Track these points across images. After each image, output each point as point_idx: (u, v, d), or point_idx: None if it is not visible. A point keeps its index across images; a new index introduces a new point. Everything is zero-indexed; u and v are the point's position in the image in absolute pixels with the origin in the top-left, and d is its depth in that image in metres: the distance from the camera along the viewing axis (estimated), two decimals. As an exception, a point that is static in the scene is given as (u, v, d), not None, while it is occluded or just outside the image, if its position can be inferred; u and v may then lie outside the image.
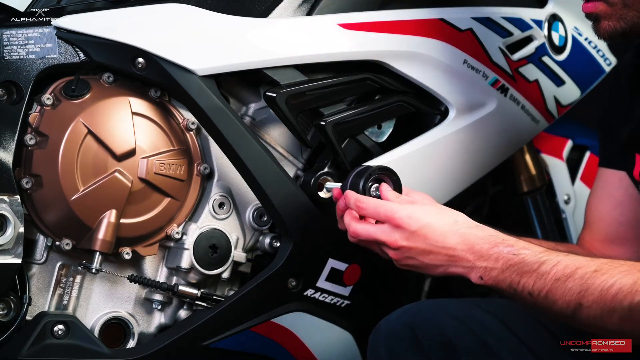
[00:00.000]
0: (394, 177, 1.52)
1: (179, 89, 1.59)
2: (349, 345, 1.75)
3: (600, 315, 1.25)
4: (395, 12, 1.73)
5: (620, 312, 1.23)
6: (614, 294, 1.24)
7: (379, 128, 1.75)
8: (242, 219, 1.70)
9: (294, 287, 1.68)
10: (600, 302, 1.25)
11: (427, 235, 1.38)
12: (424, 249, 1.39)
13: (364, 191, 1.49)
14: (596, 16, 1.46)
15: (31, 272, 1.59)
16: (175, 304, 1.67)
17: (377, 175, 1.50)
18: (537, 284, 1.30)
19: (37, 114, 1.57)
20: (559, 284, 1.28)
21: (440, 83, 1.76)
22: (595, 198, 1.70)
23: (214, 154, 1.67)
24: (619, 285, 1.24)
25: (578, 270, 1.28)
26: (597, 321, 1.26)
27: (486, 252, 1.35)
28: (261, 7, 1.65)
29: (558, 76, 1.94)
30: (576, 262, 1.29)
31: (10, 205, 1.52)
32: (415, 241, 1.39)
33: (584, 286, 1.26)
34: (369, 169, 1.50)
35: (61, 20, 1.56)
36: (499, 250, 1.35)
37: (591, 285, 1.26)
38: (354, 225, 1.45)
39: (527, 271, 1.31)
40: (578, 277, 1.27)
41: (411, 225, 1.39)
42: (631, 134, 1.56)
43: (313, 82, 1.66)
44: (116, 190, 1.57)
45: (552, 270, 1.30)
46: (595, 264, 1.28)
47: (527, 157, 2.08)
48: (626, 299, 1.23)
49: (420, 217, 1.40)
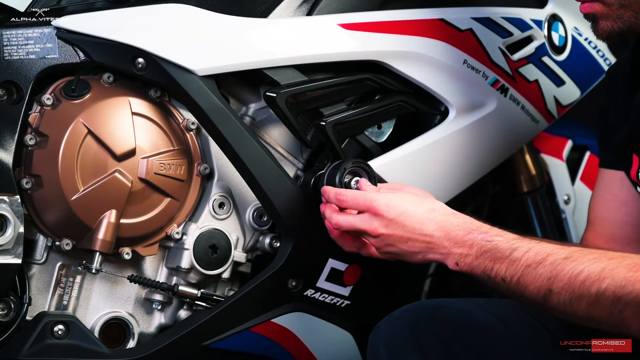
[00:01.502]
0: (368, 169, 1.58)
1: (179, 89, 1.59)
2: (349, 345, 1.75)
3: (570, 301, 1.27)
4: (395, 12, 1.73)
5: (587, 298, 1.25)
6: (582, 281, 1.26)
7: (379, 128, 1.75)
8: (242, 219, 1.70)
9: (294, 287, 1.68)
10: (569, 288, 1.27)
11: (405, 222, 1.43)
12: (402, 236, 1.43)
13: (341, 185, 1.55)
14: (593, 16, 1.46)
15: (31, 272, 1.59)
16: (175, 304, 1.67)
17: (353, 168, 1.57)
18: (509, 270, 1.33)
19: (37, 114, 1.57)
20: (529, 270, 1.31)
21: (440, 83, 1.76)
22: (599, 198, 1.70)
23: (214, 154, 1.67)
24: (587, 272, 1.26)
25: (548, 257, 1.31)
26: (567, 307, 1.28)
27: (461, 239, 1.39)
28: (261, 7, 1.65)
29: (558, 76, 1.94)
30: (547, 249, 1.32)
31: (10, 205, 1.52)
32: (394, 229, 1.43)
33: (554, 272, 1.29)
34: (343, 163, 1.56)
35: (61, 20, 1.56)
36: (474, 237, 1.38)
37: (560, 272, 1.29)
38: (335, 217, 1.50)
39: (499, 257, 1.35)
40: (548, 263, 1.30)
41: (389, 213, 1.44)
42: (629, 134, 1.56)
43: (313, 82, 1.66)
44: (116, 191, 1.57)
45: (524, 257, 1.32)
46: (565, 251, 1.31)
47: (527, 157, 2.08)
48: (593, 286, 1.25)
49: (398, 205, 1.44)
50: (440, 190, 1.79)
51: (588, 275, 1.26)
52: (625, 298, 1.23)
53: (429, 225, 1.42)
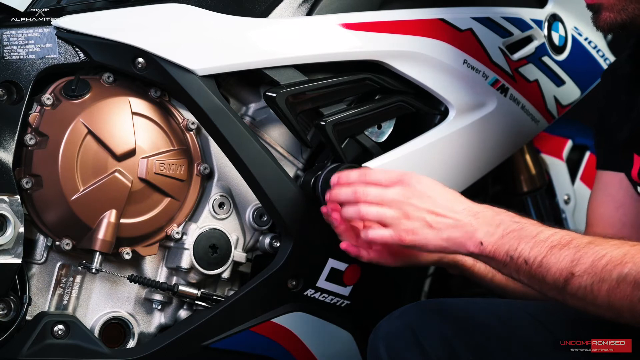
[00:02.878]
0: None
1: (179, 89, 1.59)
2: (349, 345, 1.75)
3: (591, 285, 1.27)
4: (395, 12, 1.73)
5: (609, 282, 1.26)
6: (604, 265, 1.27)
7: (379, 128, 1.75)
8: (242, 219, 1.70)
9: (294, 287, 1.68)
10: (591, 271, 1.28)
11: (436, 197, 1.43)
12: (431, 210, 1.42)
13: None
14: (598, 7, 1.46)
15: (31, 272, 1.59)
16: (175, 304, 1.68)
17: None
18: (533, 250, 1.34)
19: (37, 114, 1.57)
20: (554, 252, 1.32)
21: (440, 83, 1.76)
22: (597, 200, 1.70)
23: (214, 154, 1.67)
24: (609, 256, 1.27)
25: (573, 241, 1.32)
26: (587, 292, 1.28)
27: (490, 218, 1.40)
28: (261, 7, 1.65)
29: (558, 76, 1.94)
30: (572, 234, 1.34)
31: (10, 205, 1.52)
32: (425, 202, 1.43)
33: (577, 255, 1.30)
34: (340, 167, 1.58)
35: (61, 20, 1.56)
36: (502, 218, 1.39)
37: (584, 255, 1.29)
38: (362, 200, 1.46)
39: (525, 236, 1.35)
40: (573, 246, 1.31)
41: (422, 187, 1.44)
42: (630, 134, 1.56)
43: (313, 82, 1.66)
44: (116, 190, 1.57)
45: (550, 239, 1.33)
46: (588, 237, 1.32)
47: (527, 157, 2.08)
48: (615, 270, 1.25)
49: (429, 182, 1.45)
50: (440, 190, 1.79)
51: (610, 259, 1.26)
52: None
53: (458, 204, 1.42)
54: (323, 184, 1.60)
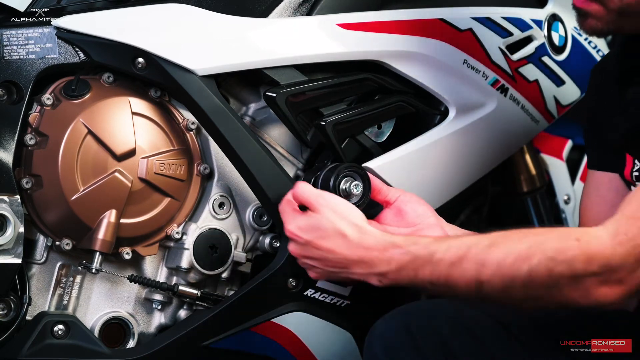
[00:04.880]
0: (362, 173, 1.62)
1: (179, 89, 1.59)
2: (349, 345, 1.75)
3: (502, 286, 1.27)
4: (395, 12, 1.73)
5: (521, 278, 1.25)
6: (512, 263, 1.26)
7: (379, 128, 1.75)
8: (242, 219, 1.70)
9: (294, 287, 1.68)
10: (499, 273, 1.27)
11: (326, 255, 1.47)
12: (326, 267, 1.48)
13: (335, 188, 1.59)
14: (585, 13, 1.45)
15: (31, 272, 1.59)
16: (175, 304, 1.67)
17: (347, 172, 1.61)
18: (434, 274, 1.33)
19: (37, 114, 1.57)
20: (455, 268, 1.31)
21: (440, 83, 1.76)
22: (588, 200, 1.70)
23: (214, 154, 1.67)
24: (515, 253, 1.26)
25: (471, 250, 1.30)
26: (502, 293, 1.28)
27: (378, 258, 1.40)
28: (261, 7, 1.65)
29: (558, 76, 1.94)
30: (467, 242, 1.32)
31: (10, 205, 1.52)
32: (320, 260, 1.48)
33: (480, 262, 1.29)
34: (338, 167, 1.60)
35: (61, 20, 1.56)
36: (390, 254, 1.39)
37: (487, 260, 1.28)
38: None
39: (420, 265, 1.35)
40: (472, 255, 1.30)
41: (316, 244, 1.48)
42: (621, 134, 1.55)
43: (313, 82, 1.66)
44: (116, 190, 1.57)
45: (446, 257, 1.32)
46: (488, 238, 1.30)
47: (527, 157, 2.08)
48: (524, 265, 1.25)
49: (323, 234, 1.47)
50: (439, 190, 1.79)
51: (517, 256, 1.25)
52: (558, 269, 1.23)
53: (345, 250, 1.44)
54: (323, 184, 1.60)
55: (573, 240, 1.25)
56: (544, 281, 1.24)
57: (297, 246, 1.52)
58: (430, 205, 1.64)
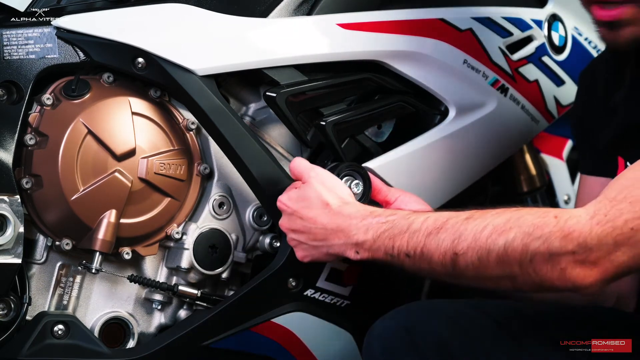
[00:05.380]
0: (363, 172, 1.62)
1: (179, 89, 1.59)
2: (348, 345, 1.75)
3: (478, 259, 1.26)
4: (395, 12, 1.73)
5: (496, 252, 1.24)
6: (488, 235, 1.25)
7: (379, 128, 1.75)
8: (242, 219, 1.70)
9: (294, 287, 1.68)
10: (475, 246, 1.26)
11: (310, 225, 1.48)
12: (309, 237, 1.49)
13: None
14: (618, 23, 1.39)
15: (31, 272, 1.59)
16: (175, 304, 1.67)
17: (347, 171, 1.61)
18: (410, 243, 1.33)
19: (37, 114, 1.57)
20: (431, 238, 1.31)
21: (440, 83, 1.76)
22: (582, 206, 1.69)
23: (214, 154, 1.67)
24: (491, 226, 1.25)
25: (449, 221, 1.30)
26: (476, 267, 1.27)
27: (356, 225, 1.41)
28: (261, 7, 1.65)
29: (558, 76, 1.94)
30: (446, 215, 1.32)
31: (10, 205, 1.52)
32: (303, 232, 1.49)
33: (457, 234, 1.28)
34: (339, 166, 1.60)
35: (61, 20, 1.56)
36: (368, 222, 1.40)
37: (464, 232, 1.28)
38: None
39: (398, 234, 1.35)
40: (450, 226, 1.30)
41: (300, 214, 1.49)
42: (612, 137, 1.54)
43: (313, 82, 1.66)
44: (116, 190, 1.57)
45: (423, 226, 1.33)
46: (466, 213, 1.30)
47: (527, 157, 2.08)
48: (500, 238, 1.24)
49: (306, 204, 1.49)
50: (439, 190, 1.79)
51: (493, 229, 1.25)
52: (534, 244, 1.22)
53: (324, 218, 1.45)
54: None
55: (551, 217, 1.24)
56: (519, 256, 1.23)
57: (284, 218, 1.52)
58: (430, 205, 1.64)
